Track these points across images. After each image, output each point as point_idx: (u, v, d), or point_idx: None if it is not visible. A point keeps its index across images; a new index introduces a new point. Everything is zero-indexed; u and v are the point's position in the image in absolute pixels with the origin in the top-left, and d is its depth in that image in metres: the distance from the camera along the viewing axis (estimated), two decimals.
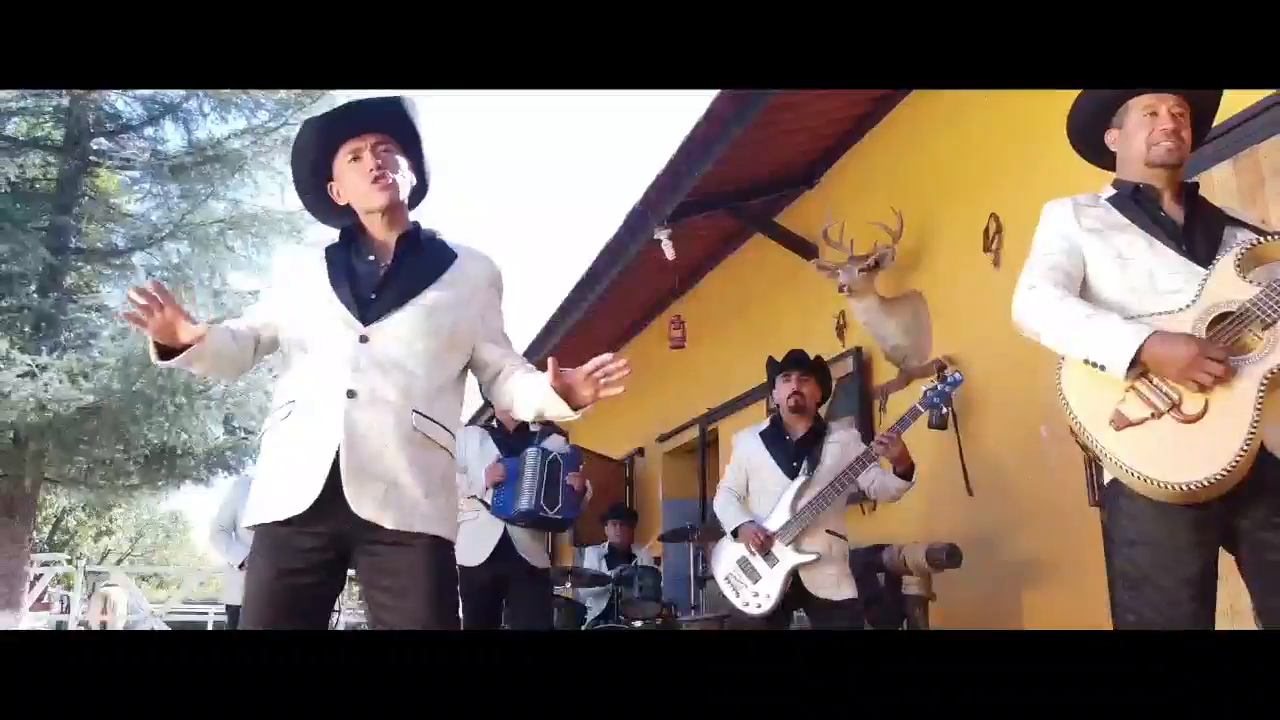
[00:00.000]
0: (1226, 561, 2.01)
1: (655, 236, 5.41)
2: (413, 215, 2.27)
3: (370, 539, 1.96)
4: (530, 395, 2.11)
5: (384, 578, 1.97)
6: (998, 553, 3.96)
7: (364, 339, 2.02)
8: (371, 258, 2.14)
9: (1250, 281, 1.96)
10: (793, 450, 3.69)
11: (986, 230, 4.17)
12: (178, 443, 9.72)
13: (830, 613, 3.51)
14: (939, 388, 3.58)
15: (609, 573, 5.81)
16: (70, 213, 10.02)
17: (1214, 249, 2.09)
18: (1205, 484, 1.88)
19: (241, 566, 4.79)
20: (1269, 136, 3.00)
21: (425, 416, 2.04)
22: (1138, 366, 1.97)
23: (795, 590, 3.52)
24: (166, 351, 1.95)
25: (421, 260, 2.17)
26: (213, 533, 5.45)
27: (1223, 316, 1.97)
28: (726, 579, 3.64)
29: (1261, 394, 1.87)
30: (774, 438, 3.76)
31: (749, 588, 3.56)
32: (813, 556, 3.47)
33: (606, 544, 6.49)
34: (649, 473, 8.25)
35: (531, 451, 4.10)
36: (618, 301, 7.29)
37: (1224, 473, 1.87)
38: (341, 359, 2.01)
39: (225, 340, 2.06)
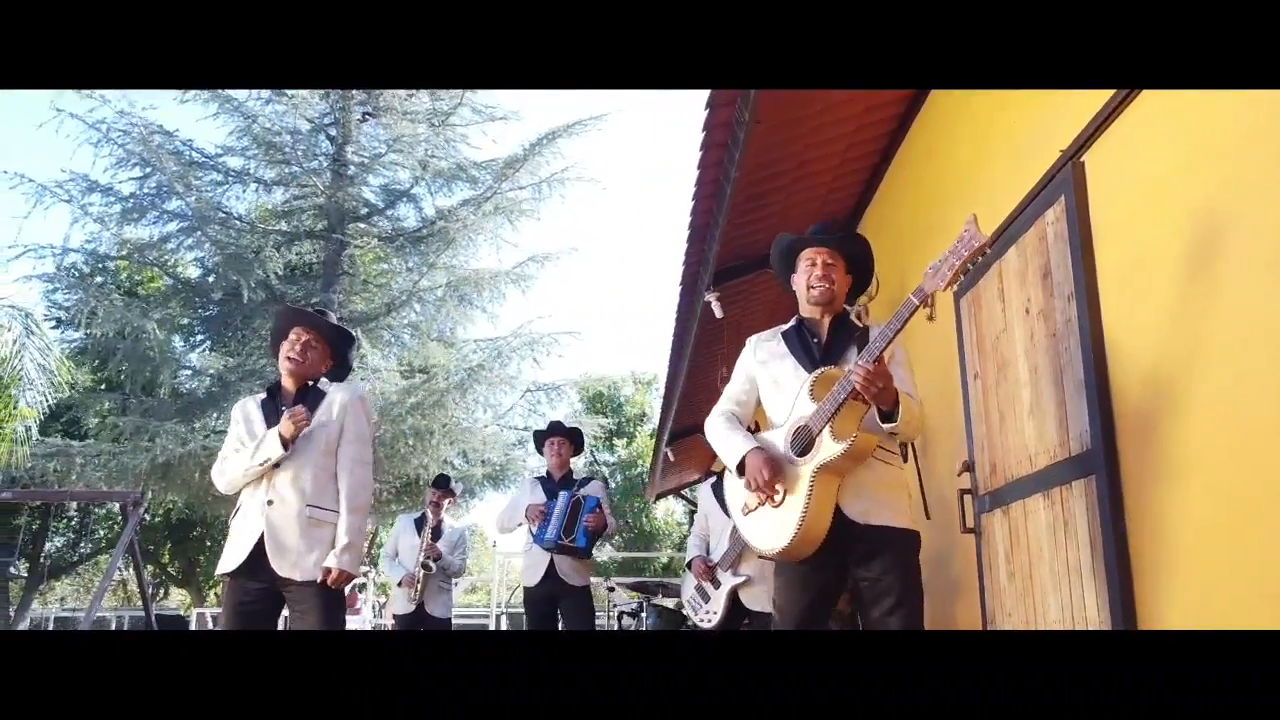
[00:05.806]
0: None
1: (705, 299, 6.28)
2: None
3: (288, 585, 3.29)
4: None
5: (296, 604, 3.31)
6: (947, 568, 4.56)
7: (276, 465, 3.33)
8: (284, 407, 3.44)
9: (814, 400, 2.71)
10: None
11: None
12: (423, 473, 11.60)
13: (764, 623, 4.35)
14: None
15: None
16: (332, 289, 12.19)
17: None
18: (784, 549, 2.69)
19: (400, 584, 6.31)
20: (1028, 228, 3.42)
21: (316, 507, 3.35)
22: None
23: (738, 606, 4.40)
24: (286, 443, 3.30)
25: (309, 403, 3.45)
26: (385, 557, 7.01)
27: (799, 429, 2.74)
28: (688, 601, 4.60)
29: (812, 483, 2.65)
30: (719, 487, 4.64)
31: (703, 607, 4.50)
32: (743, 578, 4.35)
33: None
34: None
35: (563, 495, 5.22)
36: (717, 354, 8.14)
37: (790, 539, 2.67)
38: (264, 479, 3.34)
39: None
